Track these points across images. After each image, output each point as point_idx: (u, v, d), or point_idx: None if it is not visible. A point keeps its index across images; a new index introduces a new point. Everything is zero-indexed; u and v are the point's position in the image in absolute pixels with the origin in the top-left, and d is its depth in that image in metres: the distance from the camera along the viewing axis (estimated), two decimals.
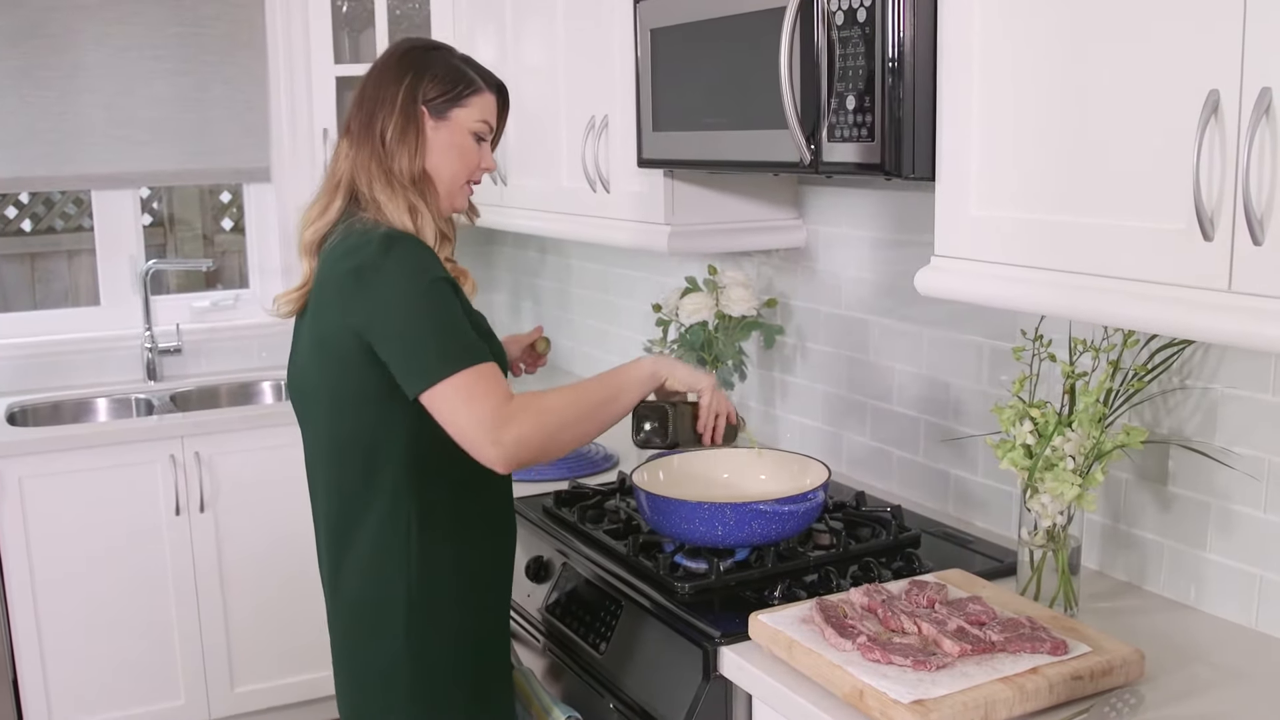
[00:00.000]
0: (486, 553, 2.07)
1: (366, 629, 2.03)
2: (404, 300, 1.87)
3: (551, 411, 1.87)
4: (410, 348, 1.87)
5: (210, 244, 4.77)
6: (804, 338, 2.91)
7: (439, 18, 3.76)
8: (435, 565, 1.99)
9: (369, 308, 1.88)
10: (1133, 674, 1.72)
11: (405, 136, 2.01)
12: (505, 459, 1.83)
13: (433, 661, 2.00)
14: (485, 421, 1.82)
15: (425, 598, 1.98)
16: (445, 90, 2.04)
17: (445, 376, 1.83)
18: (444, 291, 1.89)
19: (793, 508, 2.14)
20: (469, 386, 1.83)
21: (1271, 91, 1.37)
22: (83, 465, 3.55)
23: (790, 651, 1.79)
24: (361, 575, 2.02)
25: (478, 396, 1.83)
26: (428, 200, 2.01)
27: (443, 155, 2.05)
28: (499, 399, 1.84)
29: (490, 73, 2.12)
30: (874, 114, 1.92)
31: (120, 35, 4.06)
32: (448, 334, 1.87)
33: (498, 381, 1.86)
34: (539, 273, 4.28)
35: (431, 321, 1.87)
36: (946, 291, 1.90)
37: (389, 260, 1.88)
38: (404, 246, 1.91)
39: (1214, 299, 1.46)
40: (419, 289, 1.87)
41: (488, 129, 2.10)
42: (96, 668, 3.62)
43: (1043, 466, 1.90)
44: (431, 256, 1.93)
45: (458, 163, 2.07)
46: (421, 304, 1.87)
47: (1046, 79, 1.67)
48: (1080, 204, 1.64)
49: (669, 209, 2.68)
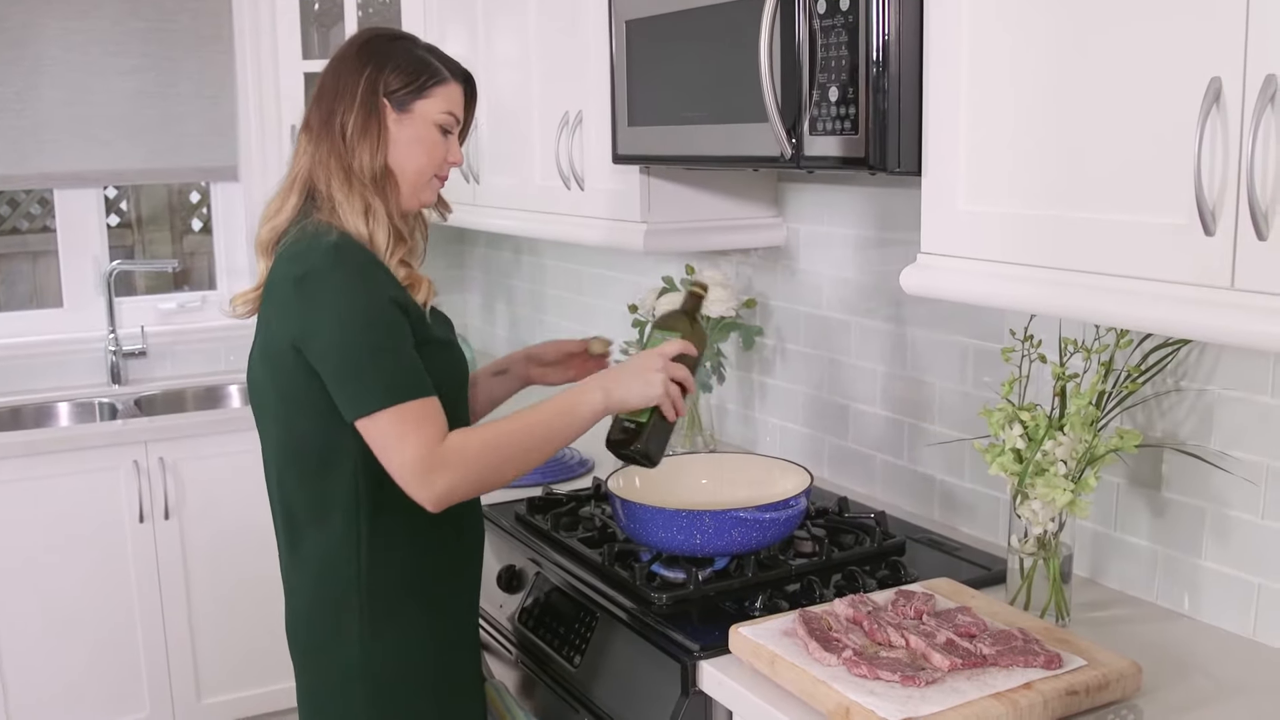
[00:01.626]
0: (444, 561, 2.01)
1: (319, 636, 1.99)
2: (343, 320, 1.82)
3: (486, 456, 1.83)
4: (346, 372, 1.82)
5: (180, 245, 4.70)
6: (784, 339, 2.86)
7: (409, 11, 3.71)
8: (388, 572, 1.94)
9: (308, 321, 1.83)
10: (1130, 688, 1.66)
11: (366, 131, 1.93)
12: (434, 502, 1.81)
13: (388, 672, 1.95)
14: (415, 464, 1.78)
15: (377, 605, 1.94)
16: (408, 81, 1.96)
17: (377, 409, 1.79)
18: (387, 314, 1.84)
19: (774, 514, 2.09)
20: (401, 423, 1.79)
21: (1277, 79, 1.31)
22: (44, 471, 3.49)
23: (772, 666, 1.73)
24: (314, 580, 1.98)
25: (409, 436, 1.79)
26: (387, 199, 1.94)
27: (406, 150, 1.96)
28: (430, 440, 1.79)
29: (456, 62, 2.05)
30: (857, 106, 1.86)
31: (82, 30, 3.99)
32: (385, 362, 1.82)
33: (431, 420, 1.81)
34: (513, 273, 4.24)
35: (369, 347, 1.82)
36: (934, 290, 1.84)
37: (334, 273, 1.83)
38: (351, 259, 1.85)
39: (1216, 296, 1.41)
40: (360, 309, 1.82)
41: (454, 121, 2.02)
42: (59, 679, 3.56)
43: (1033, 471, 1.85)
44: (380, 271, 1.87)
45: (423, 157, 1.98)
46: (361, 326, 1.82)
47: (1039, 67, 1.62)
48: (1074, 198, 1.58)
49: (645, 207, 2.63)
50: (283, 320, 1.87)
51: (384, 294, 1.84)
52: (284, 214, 1.96)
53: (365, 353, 1.81)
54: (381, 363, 1.81)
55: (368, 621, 1.94)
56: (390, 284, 1.88)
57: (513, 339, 4.23)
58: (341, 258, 1.84)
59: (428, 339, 1.91)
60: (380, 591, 1.94)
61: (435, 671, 2.00)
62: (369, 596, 1.93)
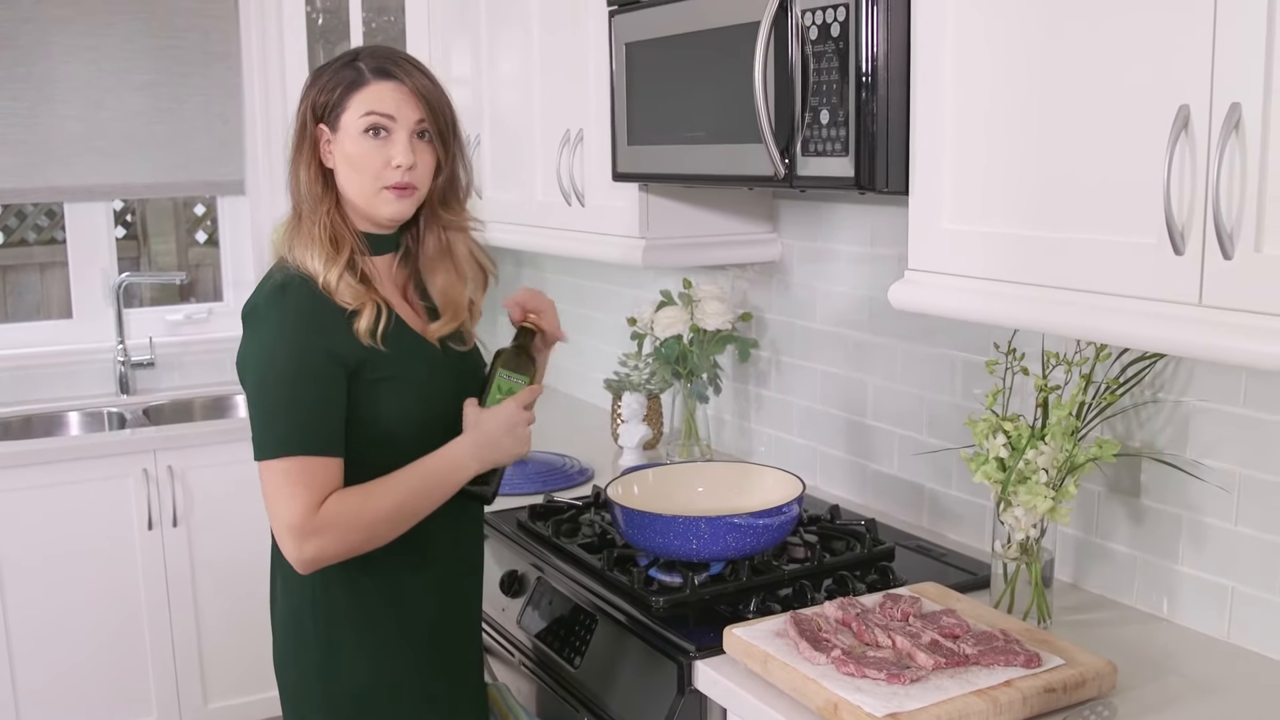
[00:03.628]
0: (418, 580, 1.97)
1: (285, 646, 2.01)
2: (266, 362, 1.82)
3: (360, 524, 1.80)
4: (255, 414, 1.83)
5: (184, 257, 4.75)
6: (779, 351, 2.92)
7: (414, 30, 3.76)
8: (347, 590, 1.92)
9: (242, 356, 1.86)
10: (1106, 686, 1.72)
11: (298, 159, 1.91)
12: (301, 566, 1.81)
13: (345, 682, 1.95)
14: (290, 526, 1.78)
15: (334, 619, 1.93)
16: (329, 98, 1.89)
17: (268, 457, 1.79)
18: (311, 365, 1.80)
19: (767, 521, 2.14)
20: (286, 477, 1.78)
21: (1241, 107, 1.38)
22: (54, 479, 3.53)
23: (765, 665, 1.79)
24: (281, 593, 2.00)
25: (286, 495, 1.78)
26: (343, 220, 1.90)
27: (342, 168, 1.89)
28: (307, 505, 1.77)
29: (385, 60, 1.90)
30: (848, 128, 1.93)
31: (93, 47, 4.05)
32: (289, 414, 1.79)
33: (315, 483, 1.78)
34: (514, 286, 4.26)
35: (279, 395, 1.80)
36: (920, 305, 1.91)
37: (271, 313, 1.83)
38: (293, 302, 1.82)
39: (1185, 313, 1.48)
40: (283, 355, 1.80)
41: (382, 118, 1.86)
42: (68, 683, 3.60)
43: (1016, 479, 1.91)
44: (317, 318, 1.82)
45: (359, 173, 1.88)
46: (279, 373, 1.80)
47: (1019, 94, 1.69)
48: (1053, 218, 1.65)
49: (644, 223, 2.69)
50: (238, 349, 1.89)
51: (316, 344, 1.81)
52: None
53: (274, 400, 1.80)
54: (286, 414, 1.79)
55: (323, 633, 1.93)
56: (335, 330, 1.83)
57: None
58: (283, 298, 1.83)
59: (384, 377, 1.86)
60: (339, 607, 1.93)
61: (420, 680, 1.98)
62: (326, 612, 1.93)
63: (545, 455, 3.08)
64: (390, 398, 1.88)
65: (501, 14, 3.26)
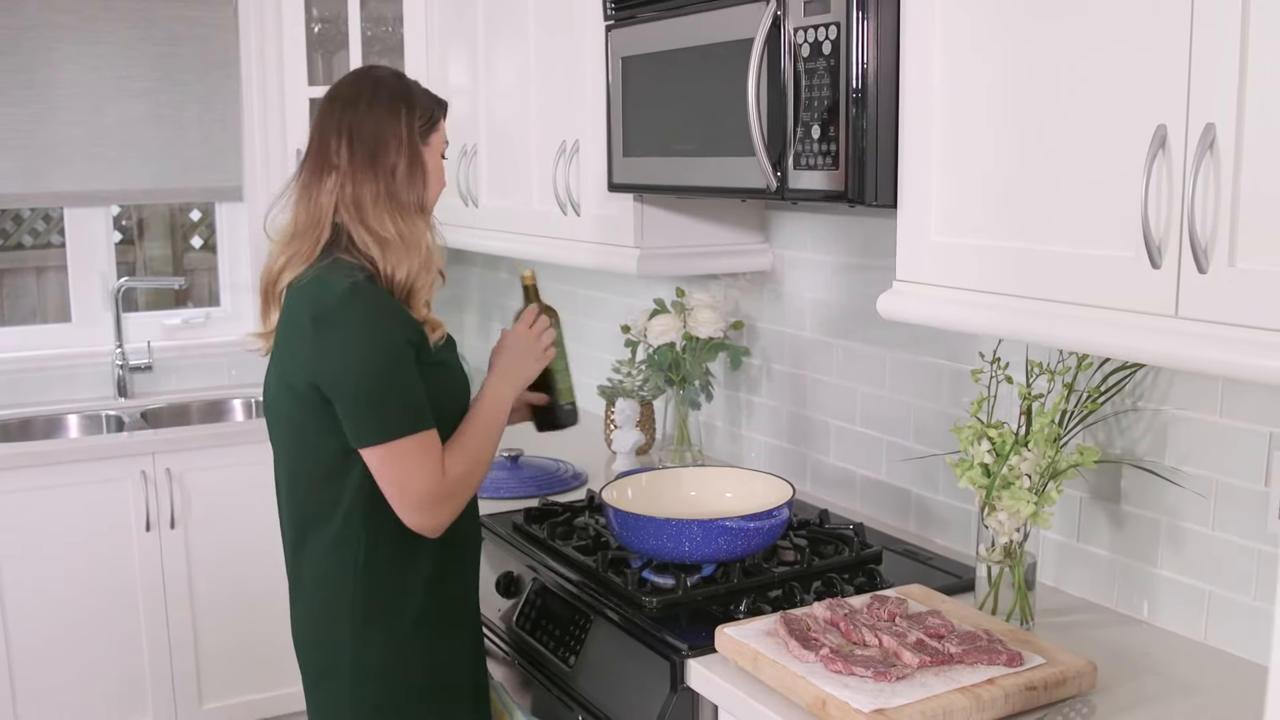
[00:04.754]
0: (440, 565, 2.10)
1: (318, 632, 2.11)
2: (356, 356, 1.93)
3: (471, 475, 2.03)
4: (356, 406, 1.94)
5: (179, 262, 4.77)
6: (769, 359, 2.96)
7: (412, 40, 3.80)
8: (384, 588, 2.05)
9: (324, 358, 1.94)
10: (1085, 685, 1.77)
11: (412, 170, 2.05)
12: (435, 531, 2.01)
13: (378, 666, 2.06)
14: (422, 496, 1.96)
15: (372, 603, 2.05)
16: (425, 118, 2.09)
17: (383, 441, 1.93)
18: (398, 351, 1.95)
19: (758, 524, 2.18)
20: (406, 456, 1.94)
21: (1215, 127, 1.43)
22: (53, 481, 3.55)
23: (755, 663, 1.83)
24: (315, 577, 2.09)
25: (413, 471, 1.95)
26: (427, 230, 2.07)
27: (429, 180, 2.10)
28: (434, 473, 1.96)
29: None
30: (838, 143, 1.98)
31: (94, 54, 4.08)
32: (393, 397, 1.95)
33: (433, 453, 1.97)
34: (508, 294, 4.31)
35: (381, 382, 1.94)
36: (907, 315, 1.96)
37: (349, 312, 1.94)
38: (364, 299, 1.95)
39: (1162, 324, 1.53)
40: (374, 346, 1.94)
41: (447, 150, 2.17)
42: (65, 683, 3.62)
43: (1000, 485, 1.95)
44: (393, 310, 1.98)
45: (438, 185, 2.13)
46: (374, 363, 1.94)
47: (1004, 112, 1.74)
48: (1036, 232, 1.70)
49: (638, 232, 2.73)
50: (300, 355, 1.98)
51: (397, 333, 1.96)
52: (304, 253, 2.02)
53: (377, 387, 1.94)
54: (391, 398, 1.94)
55: (360, 618, 2.05)
56: (404, 320, 1.99)
57: None
58: (355, 298, 1.94)
59: (432, 362, 2.03)
60: (375, 589, 2.04)
61: (425, 669, 2.10)
62: (364, 593, 2.04)
63: (540, 460, 3.12)
64: (446, 379, 2.07)
65: (498, 25, 3.30)
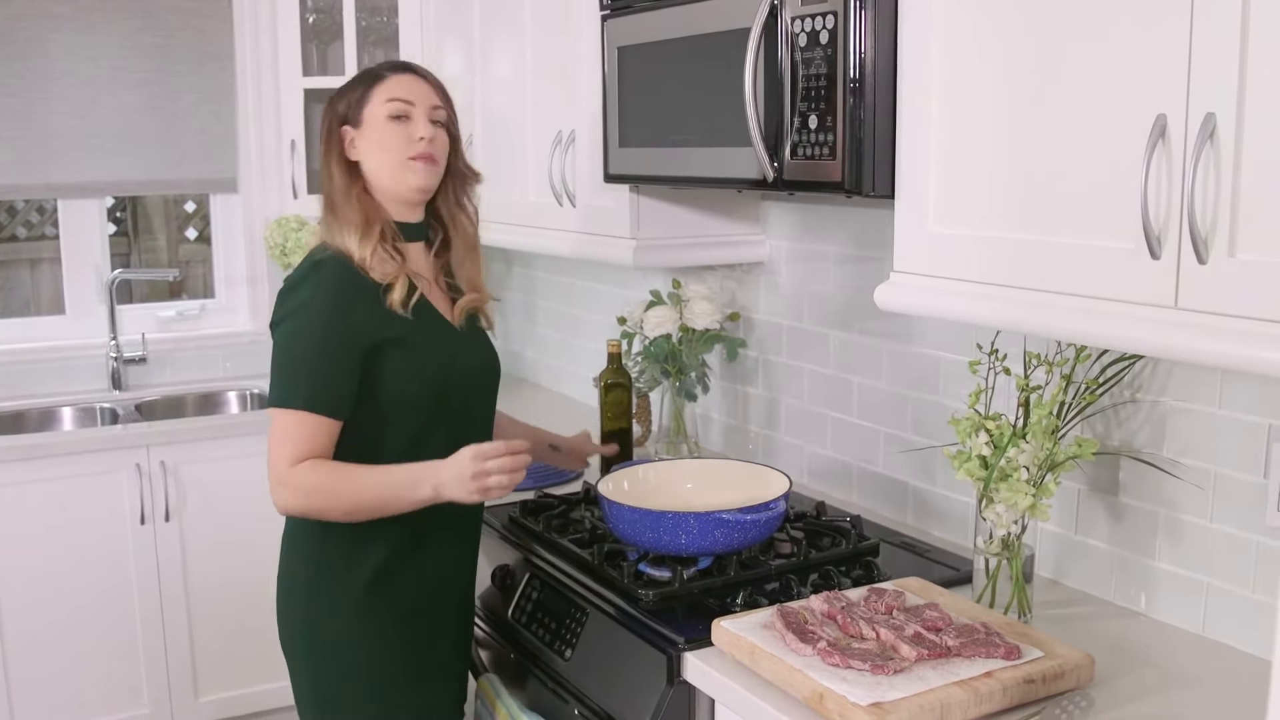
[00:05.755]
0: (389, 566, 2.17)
1: (280, 602, 2.25)
2: (292, 323, 2.06)
3: (316, 495, 2.04)
4: (272, 365, 2.07)
5: (174, 254, 4.77)
6: (766, 350, 2.96)
7: (407, 32, 3.79)
8: (337, 549, 2.15)
9: (274, 320, 2.09)
10: (1083, 678, 1.77)
11: (328, 158, 2.17)
12: (278, 509, 2.10)
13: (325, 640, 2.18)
14: (271, 471, 2.05)
15: (322, 577, 2.16)
16: (352, 99, 2.17)
17: (277, 406, 2.05)
18: (331, 333, 2.03)
19: (755, 517, 2.17)
20: (285, 428, 2.04)
21: (1215, 117, 1.43)
22: (47, 474, 3.54)
23: (752, 656, 1.83)
24: (284, 550, 2.24)
25: (278, 442, 2.04)
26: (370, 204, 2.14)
27: (371, 153, 2.15)
28: (280, 456, 2.03)
29: (395, 61, 2.26)
30: (835, 133, 1.97)
31: (89, 45, 4.07)
32: (295, 369, 2.04)
33: (301, 438, 2.03)
34: (505, 285, 4.31)
35: (296, 352, 2.05)
36: (904, 306, 1.95)
37: (304, 285, 2.07)
38: (326, 278, 2.07)
39: (1161, 315, 1.52)
40: (307, 318, 2.05)
41: (402, 105, 2.15)
42: (61, 677, 3.61)
43: (998, 477, 1.95)
44: (352, 294, 2.07)
45: (387, 153, 2.14)
46: (301, 333, 2.05)
47: (1003, 102, 1.73)
48: (1035, 222, 1.70)
49: (634, 223, 2.73)
50: None
51: (342, 320, 2.05)
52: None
53: (290, 356, 2.05)
54: (291, 368, 2.04)
55: (313, 591, 2.16)
56: (362, 306, 2.07)
57: (504, 350, 4.24)
58: (318, 273, 2.08)
59: (408, 345, 2.11)
60: (326, 567, 2.15)
61: (367, 653, 2.18)
62: (316, 569, 2.15)
63: None
64: (412, 362, 2.11)
65: (495, 16, 3.29)
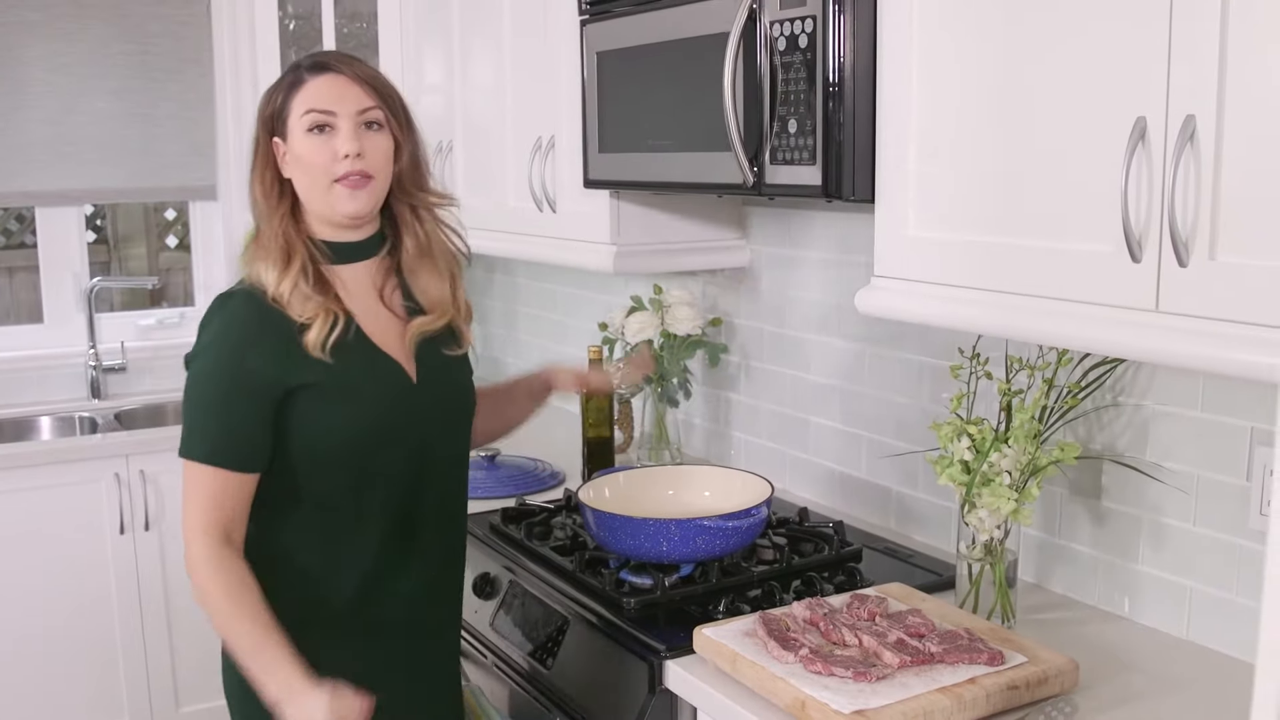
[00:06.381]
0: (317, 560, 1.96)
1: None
2: (195, 363, 1.87)
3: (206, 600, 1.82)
4: (182, 411, 1.88)
5: (154, 262, 4.75)
6: (748, 356, 2.95)
7: (386, 37, 3.77)
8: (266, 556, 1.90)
9: (189, 354, 1.89)
10: (1068, 683, 1.76)
11: (254, 172, 1.95)
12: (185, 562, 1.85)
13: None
14: (187, 526, 1.83)
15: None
16: (274, 106, 1.91)
17: (189, 459, 1.84)
18: (232, 379, 1.83)
19: (736, 523, 2.17)
20: (187, 482, 1.84)
21: (1195, 119, 1.42)
22: (25, 484, 3.53)
23: (734, 664, 1.82)
24: None
25: (186, 497, 1.84)
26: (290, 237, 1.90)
27: (296, 174, 1.90)
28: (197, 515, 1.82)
29: (321, 56, 1.93)
30: (815, 137, 1.96)
31: (65, 52, 4.05)
32: (201, 415, 1.85)
33: (205, 492, 1.82)
34: (486, 292, 4.30)
35: (192, 397, 1.86)
36: (885, 311, 1.94)
37: (211, 323, 1.87)
38: (232, 315, 1.86)
39: (1142, 319, 1.52)
40: (210, 361, 1.84)
41: (321, 114, 1.86)
42: (40, 688, 3.59)
43: (980, 482, 1.94)
44: (248, 324, 1.84)
45: (309, 173, 1.87)
46: (203, 379, 1.85)
47: (982, 104, 1.72)
48: (1015, 226, 1.69)
49: (615, 229, 2.71)
50: None
51: (245, 361, 1.82)
52: None
53: (193, 401, 1.86)
54: (201, 417, 1.85)
55: None
56: (272, 346, 1.83)
57: (486, 356, 4.28)
58: (223, 310, 1.86)
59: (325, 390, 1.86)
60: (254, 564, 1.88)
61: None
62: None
63: (517, 459, 3.10)
64: (330, 410, 1.88)
65: (473, 22, 3.28)
